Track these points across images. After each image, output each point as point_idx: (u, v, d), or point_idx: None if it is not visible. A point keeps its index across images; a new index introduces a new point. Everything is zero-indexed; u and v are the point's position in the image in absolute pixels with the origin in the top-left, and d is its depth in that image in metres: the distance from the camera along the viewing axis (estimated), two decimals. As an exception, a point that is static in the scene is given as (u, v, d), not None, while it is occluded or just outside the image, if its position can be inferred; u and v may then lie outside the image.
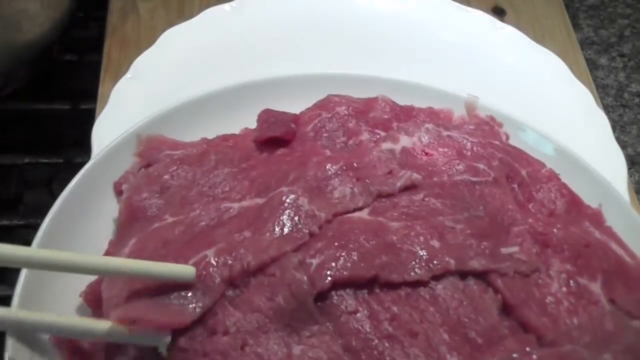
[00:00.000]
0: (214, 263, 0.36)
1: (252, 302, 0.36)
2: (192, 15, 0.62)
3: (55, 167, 0.66)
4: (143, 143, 0.42)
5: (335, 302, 0.36)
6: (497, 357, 0.36)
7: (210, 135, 0.45)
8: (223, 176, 0.41)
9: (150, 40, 0.59)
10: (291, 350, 0.35)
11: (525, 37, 0.64)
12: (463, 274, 0.38)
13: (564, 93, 0.61)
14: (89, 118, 0.61)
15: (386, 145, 0.43)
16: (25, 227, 0.63)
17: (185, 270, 0.36)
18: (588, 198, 0.44)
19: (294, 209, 0.38)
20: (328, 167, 0.40)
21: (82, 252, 0.37)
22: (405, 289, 0.37)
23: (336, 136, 0.44)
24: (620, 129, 0.78)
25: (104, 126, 0.54)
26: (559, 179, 0.44)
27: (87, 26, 0.74)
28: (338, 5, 0.65)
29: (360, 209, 0.39)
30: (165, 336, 0.35)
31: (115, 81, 0.57)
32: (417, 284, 0.37)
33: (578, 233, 0.41)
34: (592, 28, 0.87)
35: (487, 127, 0.46)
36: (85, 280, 0.38)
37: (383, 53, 0.65)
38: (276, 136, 0.44)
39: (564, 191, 0.44)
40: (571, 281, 0.39)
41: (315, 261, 0.37)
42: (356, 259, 0.37)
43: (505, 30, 0.64)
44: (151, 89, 0.57)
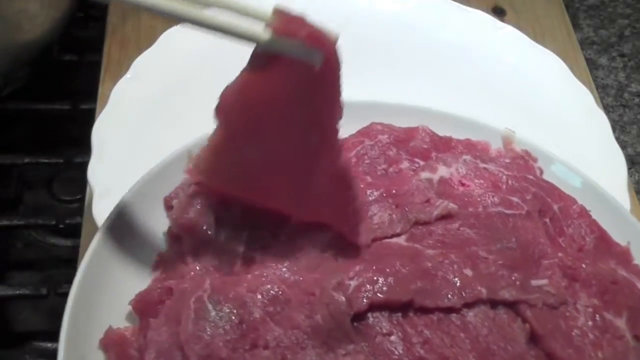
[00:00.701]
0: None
1: (292, 319, 0.38)
2: (192, 15, 0.62)
3: (55, 167, 0.66)
4: (194, 161, 0.43)
5: (370, 324, 0.38)
6: None
7: None
8: None
9: (150, 40, 0.59)
10: None
11: (525, 37, 0.64)
12: (494, 303, 0.40)
13: (564, 93, 0.61)
14: (89, 118, 0.61)
15: (425, 174, 0.45)
16: (25, 227, 0.63)
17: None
18: (615, 235, 0.45)
19: (335, 234, 0.40)
20: (369, 193, 0.42)
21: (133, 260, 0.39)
22: (437, 314, 0.39)
23: (377, 163, 0.45)
24: (620, 129, 0.78)
25: (104, 126, 0.54)
26: (590, 216, 0.46)
27: (87, 26, 0.74)
28: (338, 5, 0.65)
29: (398, 235, 0.41)
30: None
31: (115, 81, 0.57)
32: (450, 310, 0.39)
33: (606, 269, 0.43)
34: (592, 28, 0.87)
35: (522, 161, 0.47)
36: (134, 289, 0.40)
37: (383, 53, 0.65)
38: None
39: (594, 228, 0.45)
40: (597, 315, 0.41)
41: (353, 283, 0.38)
42: (392, 283, 0.39)
43: (505, 30, 0.64)
44: (151, 89, 0.57)
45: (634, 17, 0.89)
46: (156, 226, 0.41)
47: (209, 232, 0.41)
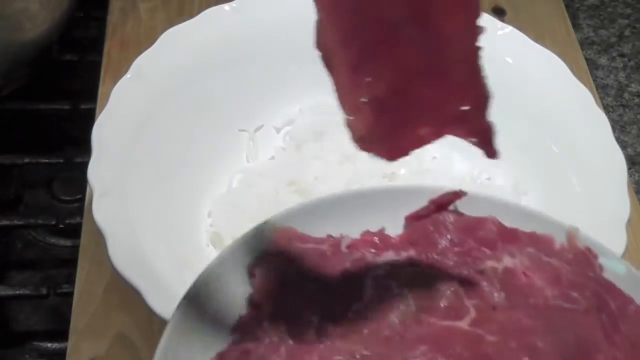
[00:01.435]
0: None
1: None
2: (192, 15, 0.62)
3: (55, 167, 0.66)
4: (276, 233, 0.46)
5: None
6: None
7: (334, 232, 0.47)
8: (343, 275, 0.45)
9: (150, 40, 0.59)
10: None
11: (525, 37, 0.64)
12: None
13: (564, 93, 0.61)
14: (89, 118, 0.61)
15: (490, 263, 0.46)
16: (25, 227, 0.63)
17: None
18: None
19: (403, 312, 0.42)
20: (435, 275, 0.44)
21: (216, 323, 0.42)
22: None
23: (446, 250, 0.47)
24: (620, 129, 0.78)
25: (104, 126, 0.54)
26: None
27: (87, 26, 0.74)
28: (338, 5, 0.65)
29: (461, 319, 0.43)
30: None
31: (115, 81, 0.57)
32: None
33: None
34: (592, 28, 0.87)
35: (584, 258, 0.48)
36: (214, 349, 0.42)
37: (383, 53, 0.65)
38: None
39: None
40: None
41: None
42: None
43: (505, 30, 0.64)
44: (151, 89, 0.57)
45: (634, 17, 0.89)
46: (239, 291, 0.44)
47: (287, 301, 0.44)
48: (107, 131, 0.53)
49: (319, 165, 0.60)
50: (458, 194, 0.48)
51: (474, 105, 0.40)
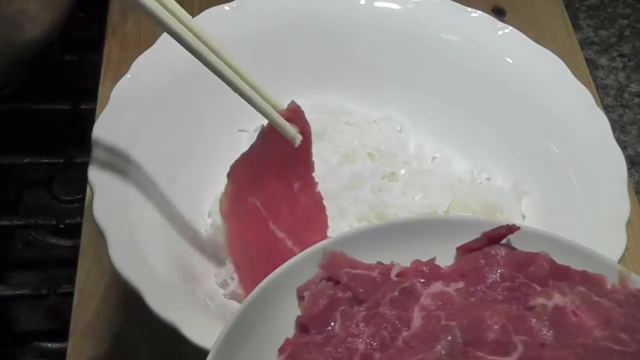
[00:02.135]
0: None
1: None
2: (192, 15, 0.61)
3: (55, 167, 0.66)
4: (327, 258, 0.46)
5: None
6: None
7: (385, 260, 0.47)
8: (392, 302, 0.45)
9: (150, 40, 0.59)
10: None
11: (525, 37, 0.64)
12: None
13: (564, 93, 0.61)
14: (89, 118, 0.61)
15: (540, 300, 0.46)
16: (25, 227, 0.63)
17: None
18: None
19: (450, 344, 0.42)
20: (489, 314, 0.44)
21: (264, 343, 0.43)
22: None
23: (496, 285, 0.47)
24: (620, 129, 0.78)
25: (104, 126, 0.54)
26: None
27: (87, 26, 0.74)
28: (338, 5, 0.65)
29: (509, 355, 0.43)
30: None
31: (115, 81, 0.57)
32: None
33: None
34: (592, 28, 0.87)
35: (635, 300, 0.48)
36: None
37: (383, 53, 0.65)
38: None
39: None
40: None
41: None
42: None
43: (505, 30, 0.64)
44: (151, 89, 0.57)
45: (634, 17, 0.89)
46: (288, 313, 0.44)
47: (335, 326, 0.44)
48: (107, 131, 0.53)
49: (319, 165, 0.60)
50: (511, 229, 0.48)
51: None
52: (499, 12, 0.74)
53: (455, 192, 0.59)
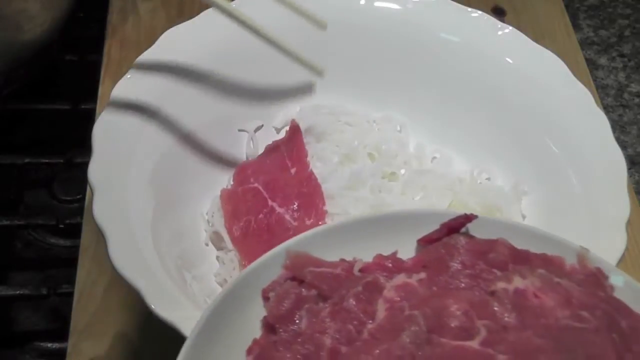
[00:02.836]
0: None
1: None
2: (192, 15, 0.62)
3: (55, 167, 0.66)
4: (291, 258, 0.47)
5: None
6: None
7: (348, 257, 0.48)
8: (356, 297, 0.46)
9: (150, 40, 0.59)
10: None
11: (525, 37, 0.64)
12: None
13: (564, 93, 0.61)
14: (89, 118, 0.61)
15: (501, 284, 0.46)
16: (25, 227, 0.63)
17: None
18: None
19: (414, 333, 0.43)
20: (451, 301, 0.45)
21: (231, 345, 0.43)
22: None
23: (458, 273, 0.48)
24: (620, 129, 0.78)
25: (104, 126, 0.54)
26: None
27: (87, 26, 0.74)
28: (338, 5, 0.65)
29: (472, 339, 0.43)
30: None
31: (115, 81, 0.57)
32: None
33: None
34: (592, 28, 0.87)
35: (595, 278, 0.49)
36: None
37: (383, 53, 0.65)
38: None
39: None
40: None
41: None
42: None
43: (505, 30, 0.64)
44: (151, 89, 0.57)
45: (634, 17, 0.89)
46: (254, 315, 0.45)
47: (301, 324, 0.45)
48: (107, 131, 0.53)
49: (320, 165, 0.60)
50: (469, 217, 0.49)
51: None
52: (499, 12, 0.74)
53: (455, 192, 0.59)
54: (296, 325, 0.45)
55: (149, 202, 0.53)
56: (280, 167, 0.59)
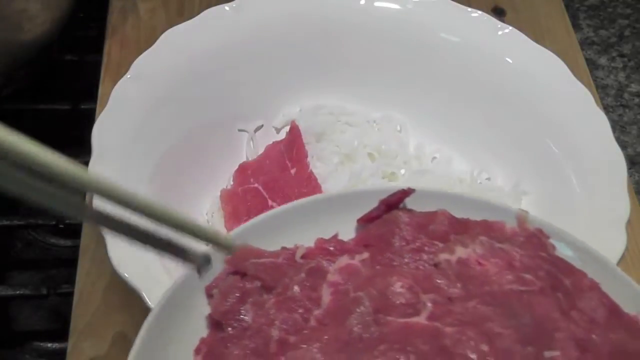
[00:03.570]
0: None
1: None
2: (192, 15, 0.62)
3: (55, 167, 0.65)
4: (231, 250, 0.46)
5: None
6: None
7: (288, 244, 0.47)
8: (300, 284, 0.45)
9: (150, 40, 0.59)
10: None
11: (525, 37, 0.64)
12: None
13: (564, 93, 0.61)
14: (89, 118, 0.61)
15: (443, 256, 0.46)
16: (25, 227, 0.63)
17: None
18: (624, 305, 0.46)
19: (360, 314, 0.43)
20: (395, 279, 0.45)
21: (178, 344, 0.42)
22: None
23: (401, 249, 0.47)
24: (620, 129, 0.78)
25: (104, 126, 0.54)
26: (600, 289, 0.47)
27: (87, 26, 0.74)
28: (338, 5, 0.65)
29: (418, 315, 0.43)
30: None
31: (115, 81, 0.57)
32: None
33: (617, 340, 0.44)
34: (592, 28, 0.87)
35: (536, 239, 0.49)
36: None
37: (383, 53, 0.65)
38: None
39: (604, 300, 0.47)
40: None
41: None
42: None
43: (505, 30, 0.64)
44: (151, 89, 0.57)
45: (634, 17, 0.89)
46: (199, 314, 0.44)
47: (247, 318, 0.44)
48: (107, 131, 0.53)
49: (320, 165, 0.60)
50: (406, 192, 0.48)
51: None
52: (499, 12, 0.74)
53: (455, 192, 0.60)
54: (242, 319, 0.44)
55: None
56: (280, 167, 0.59)
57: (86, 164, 0.52)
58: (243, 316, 0.44)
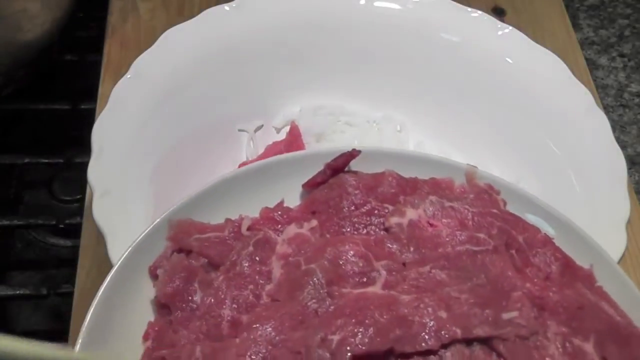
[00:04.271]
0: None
1: None
2: (192, 15, 0.62)
3: (55, 167, 0.66)
4: (173, 228, 0.45)
5: None
6: None
7: (233, 215, 0.46)
8: (249, 259, 0.44)
9: (150, 40, 0.59)
10: None
11: (525, 37, 0.64)
12: (469, 341, 0.41)
13: (564, 93, 0.61)
14: (89, 118, 0.61)
15: (394, 219, 0.46)
16: (25, 227, 0.63)
17: None
18: (579, 259, 0.47)
19: (313, 287, 0.42)
20: (347, 247, 0.44)
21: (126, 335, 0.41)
22: (417, 358, 0.40)
23: (349, 215, 0.46)
24: (620, 129, 0.78)
25: (104, 126, 0.54)
26: (553, 243, 0.47)
27: (87, 26, 0.74)
28: (338, 5, 0.65)
29: (373, 284, 0.42)
30: None
31: (115, 81, 0.57)
32: (428, 353, 0.40)
33: (572, 295, 0.44)
34: (592, 28, 0.87)
35: (486, 196, 0.48)
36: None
37: (383, 53, 0.65)
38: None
39: (558, 255, 0.46)
40: (567, 343, 0.42)
41: (335, 338, 0.40)
42: (372, 334, 0.40)
43: (505, 30, 0.64)
44: (151, 89, 0.57)
45: (634, 17, 0.89)
46: (145, 296, 0.43)
47: (195, 299, 0.43)
48: (107, 131, 0.53)
49: (319, 165, 0.60)
50: (352, 154, 0.47)
51: None
52: (499, 12, 0.74)
53: (455, 192, 0.59)
54: (190, 300, 0.42)
55: (149, 202, 0.53)
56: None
57: (86, 164, 0.52)
58: (191, 297, 0.42)
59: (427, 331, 0.40)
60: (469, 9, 0.65)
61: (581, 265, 0.46)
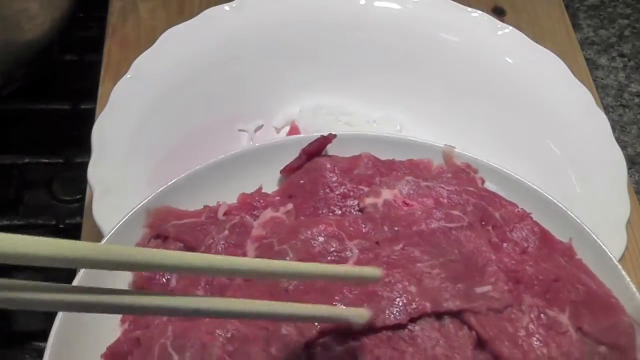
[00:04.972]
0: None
1: (250, 354, 0.39)
2: (192, 15, 0.62)
3: (55, 167, 0.66)
4: (151, 215, 0.45)
5: (321, 350, 0.40)
6: None
7: (211, 202, 0.47)
8: (224, 242, 0.45)
9: (150, 40, 0.60)
10: None
11: (525, 37, 0.64)
12: (439, 315, 0.41)
13: (564, 93, 0.61)
14: (89, 118, 0.61)
15: (369, 200, 0.46)
16: (25, 227, 0.63)
17: None
18: (558, 233, 0.47)
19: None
20: (320, 228, 0.44)
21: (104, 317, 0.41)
22: (386, 333, 0.40)
23: (326, 198, 0.47)
24: (620, 129, 0.78)
25: (104, 126, 0.54)
26: (531, 218, 0.47)
27: (87, 26, 0.74)
28: (338, 5, 0.65)
29: (345, 262, 0.43)
30: None
31: (115, 81, 0.57)
32: (397, 327, 0.40)
33: (548, 268, 0.44)
34: (592, 28, 0.87)
35: (464, 174, 0.49)
36: (106, 342, 0.42)
37: (383, 53, 0.65)
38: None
39: (536, 229, 0.47)
40: (542, 314, 0.42)
41: None
42: None
43: (505, 30, 0.64)
44: (151, 89, 0.57)
45: (634, 17, 0.89)
46: (123, 281, 0.43)
47: (171, 283, 0.44)
48: (107, 131, 0.53)
49: (319, 165, 0.60)
50: (328, 139, 0.48)
51: None
52: (499, 12, 0.74)
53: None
54: (166, 284, 0.43)
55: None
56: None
57: (86, 164, 0.52)
58: (166, 281, 0.43)
59: (396, 305, 0.40)
60: (469, 9, 0.65)
61: (561, 240, 0.46)
